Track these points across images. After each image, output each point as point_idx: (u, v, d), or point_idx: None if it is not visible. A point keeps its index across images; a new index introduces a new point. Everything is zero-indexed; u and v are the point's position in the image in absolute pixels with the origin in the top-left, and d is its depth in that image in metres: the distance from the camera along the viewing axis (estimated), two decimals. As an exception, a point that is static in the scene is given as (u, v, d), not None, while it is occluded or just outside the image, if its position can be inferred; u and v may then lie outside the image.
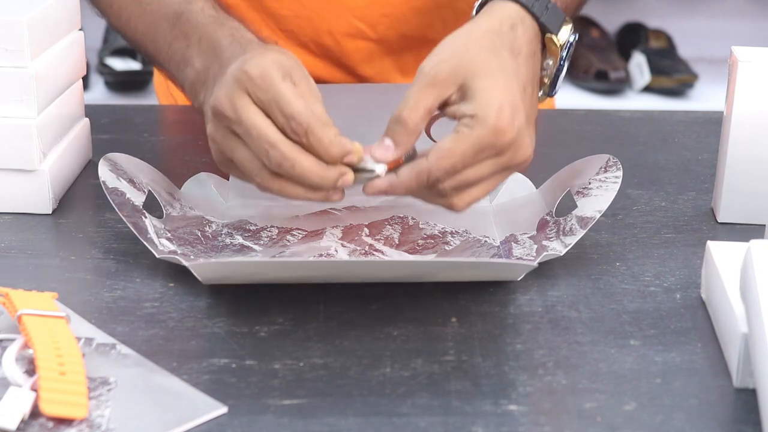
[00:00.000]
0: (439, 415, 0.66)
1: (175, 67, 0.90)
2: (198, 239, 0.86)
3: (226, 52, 0.84)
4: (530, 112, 0.80)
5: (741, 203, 0.92)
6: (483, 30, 0.81)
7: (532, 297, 0.80)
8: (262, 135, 0.76)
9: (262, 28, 1.15)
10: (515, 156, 0.78)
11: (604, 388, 0.69)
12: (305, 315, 0.77)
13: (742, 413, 0.67)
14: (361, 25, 1.15)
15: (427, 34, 1.17)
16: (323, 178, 0.76)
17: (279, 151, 0.75)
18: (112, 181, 0.86)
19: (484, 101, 0.77)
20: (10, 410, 0.63)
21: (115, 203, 0.84)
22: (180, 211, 0.89)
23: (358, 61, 1.16)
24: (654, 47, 2.51)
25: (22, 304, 0.72)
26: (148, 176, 0.90)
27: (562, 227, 0.85)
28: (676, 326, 0.77)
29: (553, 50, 0.85)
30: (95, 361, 0.70)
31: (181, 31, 0.90)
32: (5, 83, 0.90)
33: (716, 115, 1.16)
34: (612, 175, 0.87)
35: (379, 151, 0.78)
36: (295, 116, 0.75)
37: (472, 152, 0.76)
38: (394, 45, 1.17)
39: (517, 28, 0.82)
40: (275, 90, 0.76)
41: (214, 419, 0.65)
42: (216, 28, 0.87)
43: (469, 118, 0.77)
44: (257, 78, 0.76)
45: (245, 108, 0.76)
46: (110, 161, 0.88)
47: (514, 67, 0.80)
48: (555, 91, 0.88)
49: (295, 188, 0.77)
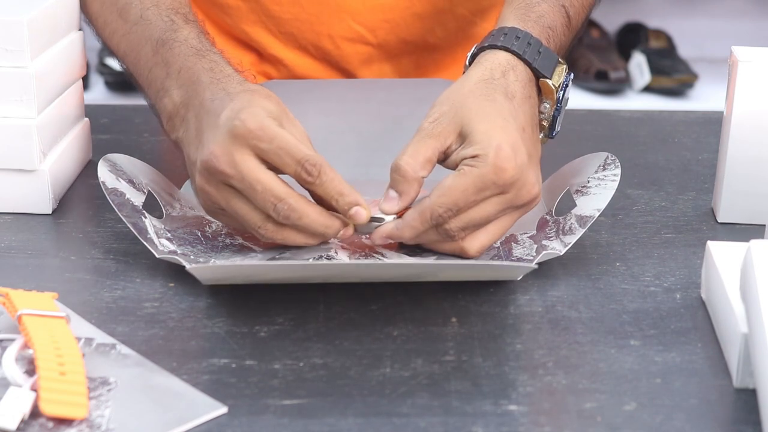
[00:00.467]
0: (439, 415, 0.66)
1: (154, 93, 0.90)
2: (198, 239, 0.86)
3: (206, 92, 0.84)
4: (532, 151, 0.81)
5: (741, 203, 0.93)
6: (475, 81, 0.83)
7: (532, 297, 0.80)
8: (268, 189, 0.77)
9: (260, 30, 1.15)
10: (520, 195, 0.79)
11: (604, 388, 0.69)
12: (305, 315, 0.77)
13: (742, 413, 0.67)
14: (361, 30, 1.15)
15: (427, 39, 1.17)
16: (328, 227, 0.79)
17: (287, 204, 0.77)
18: (112, 181, 0.86)
19: (483, 141, 0.78)
20: (10, 410, 0.63)
21: (114, 203, 0.84)
22: (180, 211, 0.89)
23: (356, 65, 1.16)
24: (654, 47, 2.51)
25: (22, 304, 0.72)
26: (147, 177, 0.90)
27: (562, 226, 0.85)
28: (676, 326, 0.77)
29: (548, 93, 0.87)
30: (95, 361, 0.70)
31: (162, 59, 0.89)
32: (5, 83, 0.90)
33: (716, 115, 1.16)
34: (611, 173, 0.87)
35: (385, 203, 0.80)
36: (308, 158, 0.77)
37: (473, 189, 0.77)
38: (394, 50, 1.17)
39: (509, 75, 0.84)
40: (279, 138, 0.77)
41: (214, 419, 0.65)
42: (196, 61, 0.87)
43: (471, 159, 0.78)
44: (257, 130, 0.77)
45: (246, 163, 0.77)
46: (110, 162, 0.88)
47: (511, 110, 0.81)
48: (555, 132, 0.89)
49: (298, 236, 0.79)
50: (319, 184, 0.78)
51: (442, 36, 1.17)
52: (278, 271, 0.77)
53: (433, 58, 1.19)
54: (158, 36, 0.91)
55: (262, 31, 1.16)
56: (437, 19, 1.16)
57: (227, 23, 1.17)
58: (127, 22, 0.95)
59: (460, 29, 1.18)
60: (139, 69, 0.93)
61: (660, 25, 2.60)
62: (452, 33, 1.17)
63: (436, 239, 0.80)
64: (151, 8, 0.93)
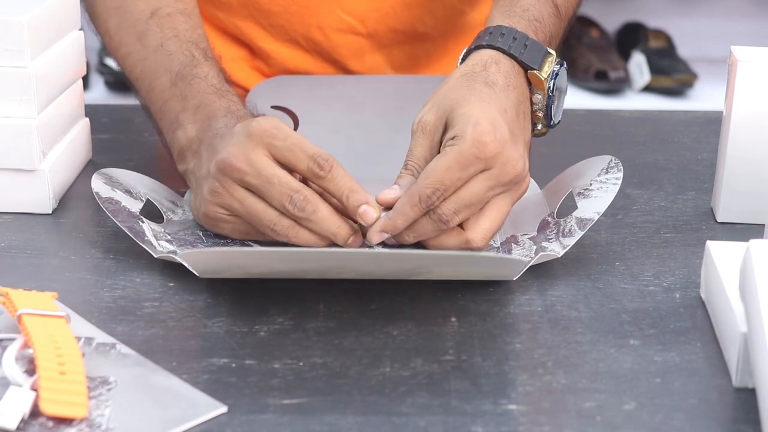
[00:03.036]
0: (439, 414, 0.66)
1: (167, 124, 0.92)
2: (199, 239, 0.86)
3: (220, 122, 0.86)
4: (516, 132, 0.82)
5: (740, 203, 0.93)
6: (457, 76, 0.86)
7: (531, 296, 0.80)
8: (284, 182, 0.79)
9: (251, 25, 1.16)
10: (505, 170, 0.79)
11: (603, 388, 0.69)
12: (305, 315, 0.77)
13: (742, 413, 0.67)
14: (350, 20, 1.16)
15: (417, 28, 1.18)
16: (339, 227, 0.79)
17: (303, 195, 0.78)
18: (107, 191, 0.86)
19: (462, 121, 0.80)
20: (10, 410, 0.63)
21: (109, 211, 0.84)
22: (182, 216, 0.89)
23: (348, 56, 1.17)
24: (653, 47, 2.50)
25: (22, 304, 0.72)
26: (147, 187, 0.90)
27: (562, 228, 0.85)
28: (676, 326, 0.77)
29: (538, 84, 0.88)
30: (95, 361, 0.70)
31: (180, 92, 0.91)
32: (5, 83, 0.90)
33: (716, 115, 1.16)
34: (613, 177, 0.87)
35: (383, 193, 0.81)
36: (320, 154, 0.79)
37: (456, 166, 0.78)
38: (384, 40, 1.18)
39: (490, 67, 0.86)
40: (293, 136, 0.80)
41: (214, 419, 0.65)
42: (215, 99, 0.89)
43: (451, 139, 0.80)
44: (272, 129, 0.80)
45: (262, 160, 0.79)
46: (104, 175, 0.88)
47: (491, 95, 0.83)
48: (554, 121, 0.90)
49: (311, 236, 0.80)
50: (330, 179, 0.79)
51: (432, 25, 1.18)
52: (270, 258, 0.77)
53: (425, 49, 1.20)
54: (178, 69, 0.92)
55: (253, 26, 1.16)
56: (426, 7, 1.17)
57: (219, 18, 1.17)
58: (146, 48, 0.96)
59: (449, 18, 1.19)
60: (153, 97, 0.94)
61: (659, 25, 2.60)
62: (441, 21, 1.18)
63: (432, 229, 0.80)
64: (171, 39, 0.95)
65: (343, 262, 0.78)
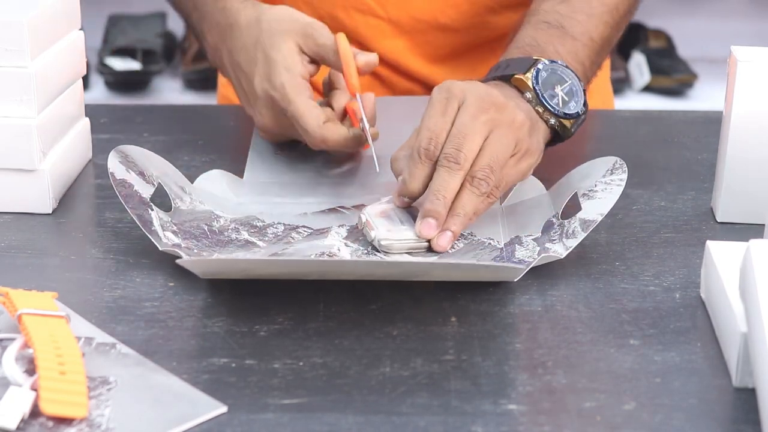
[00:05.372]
0: (439, 414, 0.66)
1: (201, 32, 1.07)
2: (204, 233, 0.86)
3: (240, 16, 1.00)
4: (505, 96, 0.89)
5: (740, 203, 0.93)
6: None
7: (531, 296, 0.80)
8: None
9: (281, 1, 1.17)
10: (503, 113, 0.87)
11: (603, 388, 0.69)
12: (305, 314, 0.77)
13: (742, 413, 0.67)
14: (370, 2, 1.18)
15: (439, 19, 1.18)
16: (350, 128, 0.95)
17: None
18: (121, 173, 0.86)
19: None
20: (10, 410, 0.63)
21: (121, 195, 0.84)
22: (189, 204, 0.89)
23: (368, 37, 1.19)
24: (653, 47, 2.51)
25: (22, 304, 0.72)
26: (159, 169, 0.90)
27: (566, 230, 0.85)
28: (676, 326, 0.77)
29: (523, 85, 0.94)
30: (95, 361, 0.70)
31: None
32: (5, 83, 0.90)
33: (716, 115, 1.16)
34: (617, 178, 0.87)
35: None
36: None
37: (435, 111, 0.86)
38: (405, 26, 1.19)
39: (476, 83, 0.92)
40: None
41: (214, 418, 0.65)
42: None
43: None
44: None
45: None
46: (121, 153, 0.88)
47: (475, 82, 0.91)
48: (558, 110, 0.93)
49: None
50: None
51: (455, 17, 1.18)
52: (272, 266, 0.78)
53: (450, 41, 1.20)
54: None
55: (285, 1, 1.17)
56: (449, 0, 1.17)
57: None
58: None
59: (476, 14, 1.19)
60: None
61: (659, 24, 2.60)
62: (467, 16, 1.19)
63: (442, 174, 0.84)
64: None
65: (339, 268, 0.78)
